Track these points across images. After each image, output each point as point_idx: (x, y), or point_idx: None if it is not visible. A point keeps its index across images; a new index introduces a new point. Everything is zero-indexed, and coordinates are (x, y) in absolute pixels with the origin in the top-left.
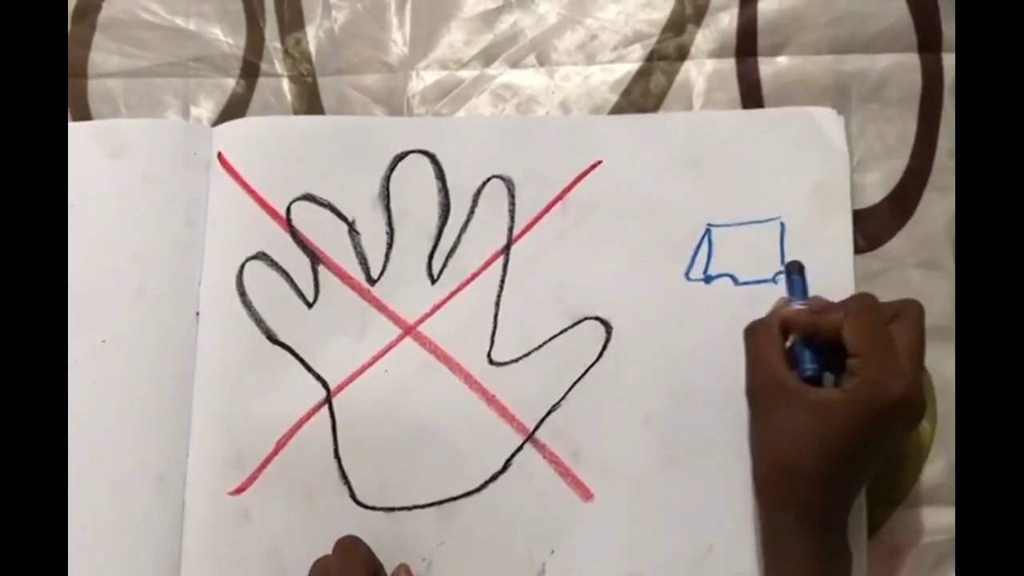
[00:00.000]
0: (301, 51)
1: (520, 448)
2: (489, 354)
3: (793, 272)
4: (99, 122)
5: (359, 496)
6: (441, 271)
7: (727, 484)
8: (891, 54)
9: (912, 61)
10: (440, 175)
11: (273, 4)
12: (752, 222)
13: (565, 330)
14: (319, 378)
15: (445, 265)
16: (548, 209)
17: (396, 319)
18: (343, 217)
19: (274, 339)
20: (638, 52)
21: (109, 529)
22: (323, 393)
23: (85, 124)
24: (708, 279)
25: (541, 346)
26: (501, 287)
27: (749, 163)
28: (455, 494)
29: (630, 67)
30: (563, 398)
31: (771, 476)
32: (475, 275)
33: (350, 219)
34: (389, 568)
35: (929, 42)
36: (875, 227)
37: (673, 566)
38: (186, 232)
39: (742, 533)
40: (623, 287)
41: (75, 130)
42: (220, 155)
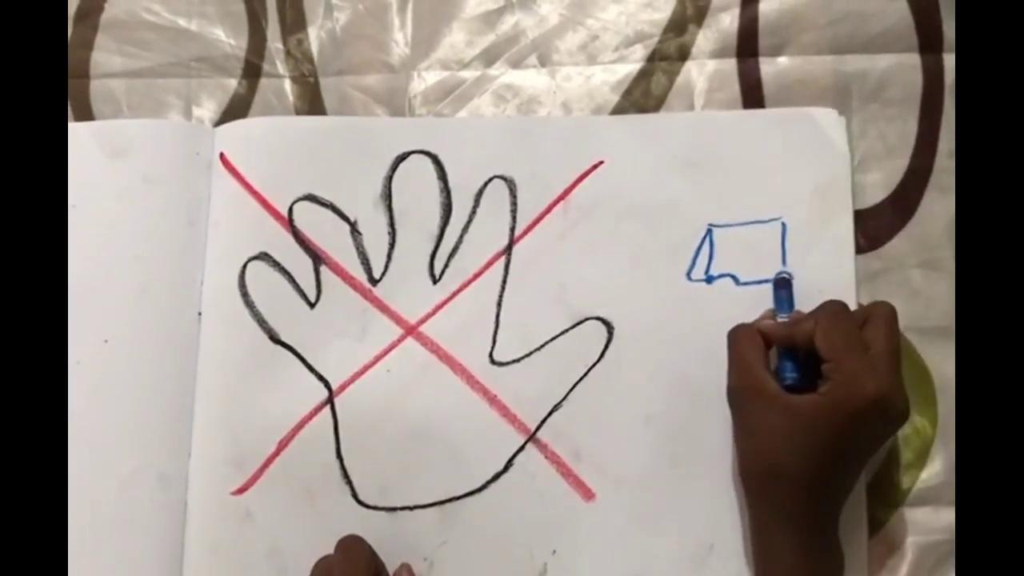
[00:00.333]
0: (303, 52)
1: (522, 448)
2: (491, 354)
3: (780, 286)
4: (101, 122)
5: (361, 496)
6: (443, 271)
7: (728, 484)
8: (892, 54)
9: (913, 61)
10: (442, 175)
11: (275, 5)
12: (753, 222)
13: (567, 330)
14: (321, 378)
15: (447, 265)
16: (550, 209)
17: (398, 319)
18: (345, 217)
19: (276, 339)
20: (639, 52)
21: (111, 529)
22: (325, 393)
23: (87, 124)
24: (709, 279)
25: (543, 346)
26: (503, 287)
27: (750, 163)
28: (457, 494)
29: (631, 67)
30: (565, 398)
31: (753, 476)
32: (477, 275)
33: (352, 219)
34: (391, 568)
35: (930, 42)
36: (876, 227)
37: (674, 566)
38: (188, 232)
39: (743, 533)
40: (624, 287)
41: (77, 130)
42: (222, 155)
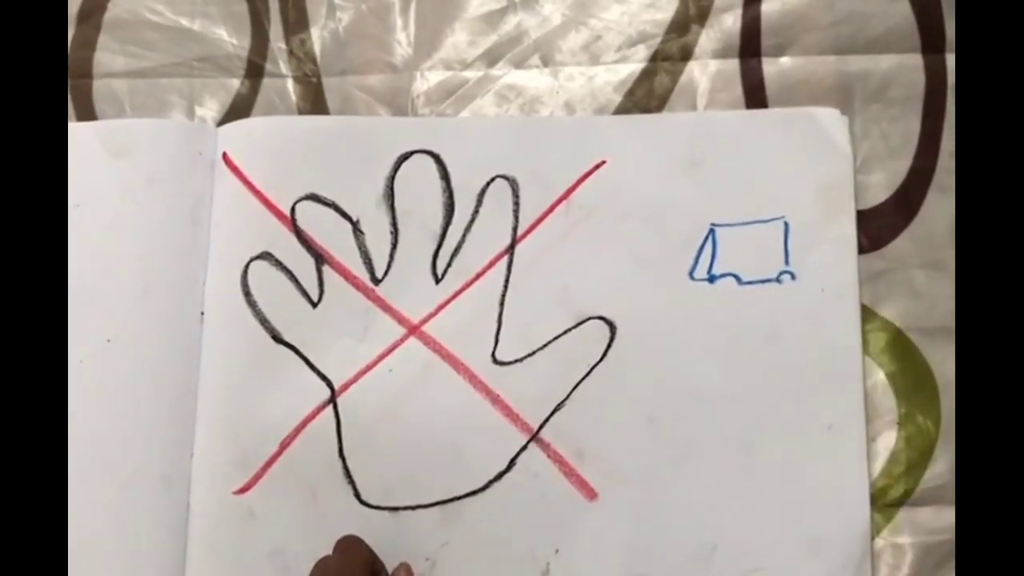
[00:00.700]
0: (306, 52)
1: (524, 447)
2: (493, 354)
3: None
4: (104, 122)
5: (363, 496)
6: (445, 271)
7: (731, 484)
8: (895, 55)
9: (915, 62)
10: (444, 175)
11: (278, 5)
12: (756, 222)
13: (569, 330)
14: (323, 378)
15: (449, 265)
16: (552, 209)
17: (400, 319)
18: (347, 217)
19: (278, 339)
20: (642, 53)
21: (113, 529)
22: (327, 393)
23: (90, 124)
24: (712, 279)
25: (545, 346)
26: (505, 287)
27: (753, 163)
28: (459, 494)
29: (634, 67)
30: (567, 398)
31: None
32: (479, 275)
33: (354, 219)
34: (391, 568)
35: (932, 43)
36: (879, 227)
37: (677, 566)
38: (191, 232)
39: (746, 533)
40: (627, 287)
41: (80, 130)
42: (225, 155)
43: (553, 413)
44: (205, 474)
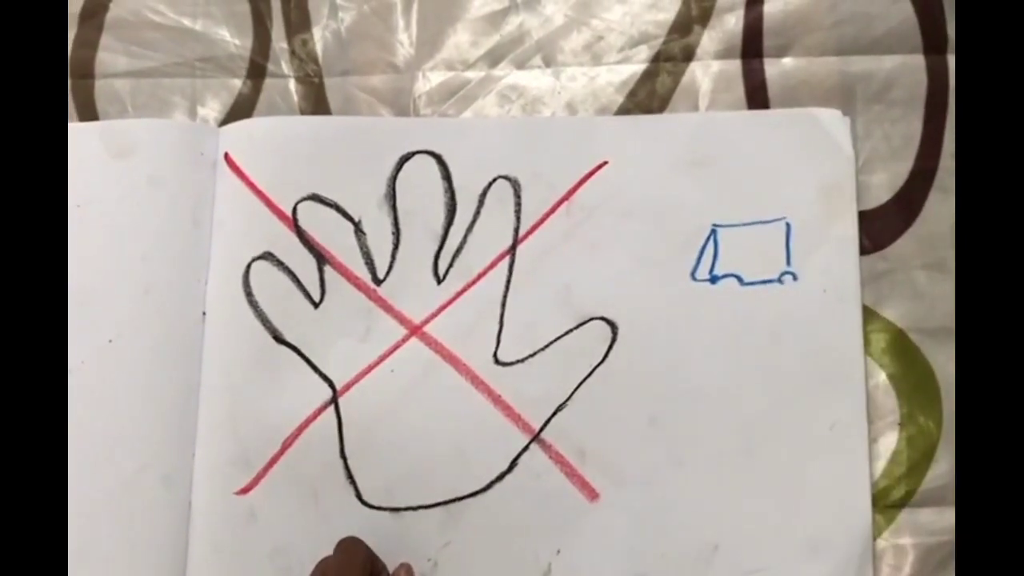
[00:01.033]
0: (308, 52)
1: (526, 448)
2: (495, 354)
3: None
4: (106, 122)
5: (365, 496)
6: (447, 271)
7: (733, 484)
8: (897, 55)
9: (918, 63)
10: (446, 175)
11: (280, 5)
12: (758, 222)
13: (571, 330)
14: (325, 378)
15: (451, 265)
16: (554, 210)
17: (402, 319)
18: (349, 217)
19: (280, 339)
20: (644, 53)
21: (115, 529)
22: (329, 393)
23: (92, 124)
24: (714, 279)
25: (547, 346)
26: (507, 287)
27: (755, 164)
28: (461, 494)
29: (636, 68)
30: (569, 398)
31: None
32: (481, 275)
33: (356, 219)
34: (393, 569)
35: (935, 44)
36: (881, 228)
37: (678, 566)
38: (192, 232)
39: (747, 533)
40: (629, 287)
41: (82, 130)
42: (226, 155)
43: (555, 414)
44: (206, 474)
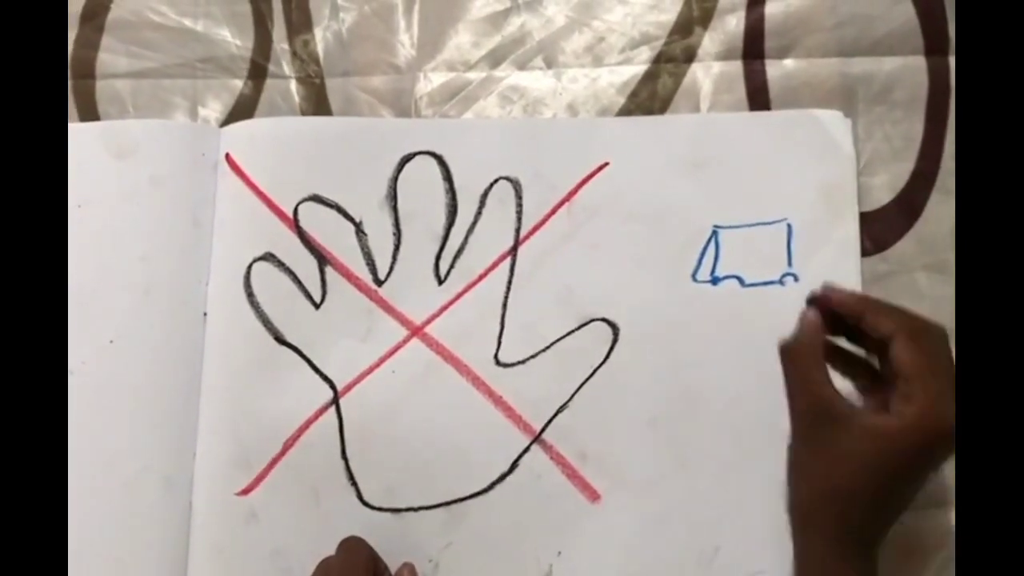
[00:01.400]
0: (309, 53)
1: (527, 449)
2: (496, 355)
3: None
4: (107, 123)
5: (366, 497)
6: (448, 272)
7: (733, 486)
8: (898, 57)
9: (919, 64)
10: (447, 176)
11: (281, 6)
12: (759, 224)
13: (572, 331)
14: (326, 379)
15: (452, 266)
16: (555, 211)
17: (403, 320)
18: (350, 218)
19: (281, 340)
20: (645, 54)
21: (116, 530)
22: (330, 394)
23: (93, 125)
24: (715, 280)
25: (548, 347)
26: (508, 288)
27: (756, 165)
28: (462, 495)
29: (637, 69)
30: (570, 399)
31: (821, 502)
32: (482, 276)
33: (357, 220)
34: (394, 569)
35: (936, 45)
36: (882, 229)
37: (679, 568)
38: (194, 233)
39: (749, 535)
40: (630, 288)
41: (83, 131)
42: (228, 156)
43: (556, 415)
44: (207, 475)
